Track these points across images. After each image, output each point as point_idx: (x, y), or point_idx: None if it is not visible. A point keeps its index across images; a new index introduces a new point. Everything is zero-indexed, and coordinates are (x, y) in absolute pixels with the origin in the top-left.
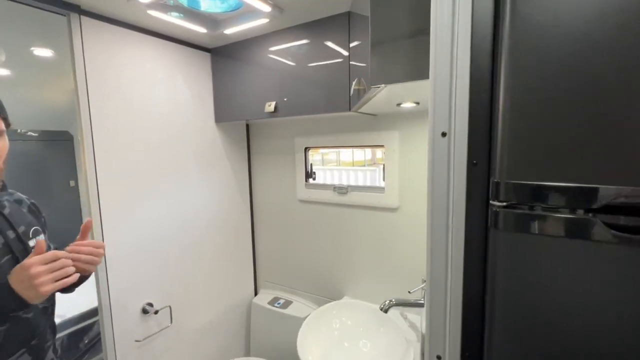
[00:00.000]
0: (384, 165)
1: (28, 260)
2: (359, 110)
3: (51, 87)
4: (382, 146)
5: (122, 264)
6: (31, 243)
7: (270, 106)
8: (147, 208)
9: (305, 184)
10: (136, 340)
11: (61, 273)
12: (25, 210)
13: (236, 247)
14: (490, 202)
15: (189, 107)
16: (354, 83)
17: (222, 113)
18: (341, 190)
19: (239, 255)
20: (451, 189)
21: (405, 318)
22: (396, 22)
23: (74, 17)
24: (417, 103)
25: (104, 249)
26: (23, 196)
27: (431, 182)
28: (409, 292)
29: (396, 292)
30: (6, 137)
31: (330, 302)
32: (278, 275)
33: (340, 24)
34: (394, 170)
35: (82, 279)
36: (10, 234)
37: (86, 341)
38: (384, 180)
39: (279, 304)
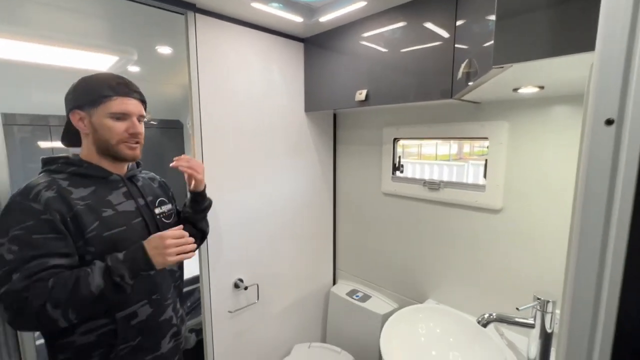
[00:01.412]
0: (486, 160)
1: (166, 233)
2: (462, 98)
3: (167, 81)
4: (485, 138)
5: (219, 241)
6: (156, 210)
7: (361, 94)
8: (242, 191)
9: (392, 177)
10: (229, 311)
11: (183, 248)
12: (155, 185)
13: (318, 235)
14: None
15: (282, 96)
16: (462, 66)
17: (312, 102)
18: (432, 185)
19: (320, 243)
20: (615, 193)
21: (502, 335)
22: None
23: (190, 15)
24: (542, 87)
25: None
26: (156, 176)
27: (585, 181)
28: (517, 309)
29: (493, 304)
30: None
31: (412, 302)
32: (357, 268)
33: (443, 2)
34: (499, 166)
35: (202, 204)
36: (141, 201)
37: (188, 304)
38: (484, 177)
39: (357, 296)
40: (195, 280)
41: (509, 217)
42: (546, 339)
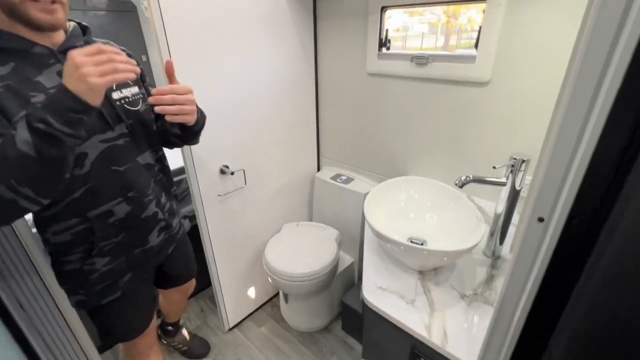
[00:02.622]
0: (480, 28)
1: (74, 51)
2: None
3: None
4: (482, 0)
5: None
6: (115, 95)
7: None
8: (217, 77)
9: (378, 54)
10: (218, 195)
11: (109, 67)
12: None
13: (301, 121)
14: None
15: None
16: None
17: None
18: (420, 60)
19: (304, 129)
20: (623, 29)
21: (473, 202)
22: None
23: None
24: None
25: (192, 94)
26: (116, 46)
27: (595, 16)
28: (493, 167)
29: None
30: None
31: None
32: (341, 153)
33: None
34: (493, 33)
35: (193, 130)
36: None
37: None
38: (476, 47)
39: (341, 179)
40: (181, 171)
41: (495, 89)
42: (514, 197)
